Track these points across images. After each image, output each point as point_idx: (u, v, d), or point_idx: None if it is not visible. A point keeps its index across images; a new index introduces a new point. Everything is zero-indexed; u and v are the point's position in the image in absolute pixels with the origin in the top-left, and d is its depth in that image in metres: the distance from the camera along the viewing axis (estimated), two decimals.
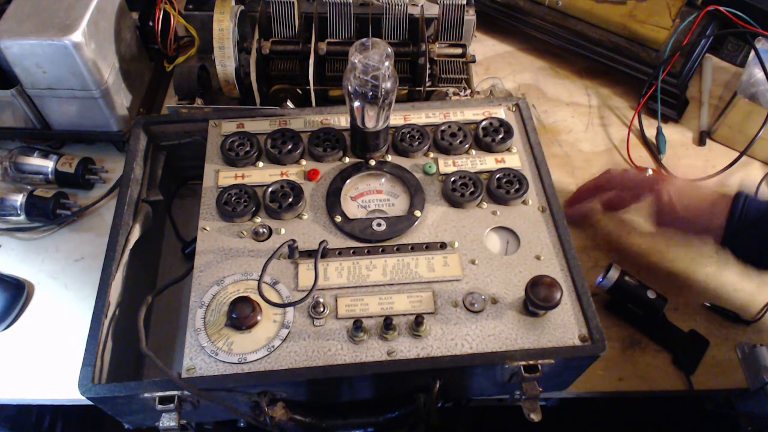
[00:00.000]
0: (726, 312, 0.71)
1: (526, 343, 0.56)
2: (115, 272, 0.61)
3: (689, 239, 0.72)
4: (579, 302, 0.58)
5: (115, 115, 0.78)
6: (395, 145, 0.69)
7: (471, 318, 0.57)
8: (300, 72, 0.84)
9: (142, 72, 0.87)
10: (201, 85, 0.83)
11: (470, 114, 0.72)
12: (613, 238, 0.78)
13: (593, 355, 0.56)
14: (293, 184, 0.65)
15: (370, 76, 0.56)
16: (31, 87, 0.74)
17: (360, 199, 0.66)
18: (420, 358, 0.55)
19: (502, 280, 0.60)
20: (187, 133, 0.73)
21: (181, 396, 0.53)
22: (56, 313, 0.71)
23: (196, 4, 0.92)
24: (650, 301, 0.67)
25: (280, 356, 0.55)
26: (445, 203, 0.65)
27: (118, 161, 0.84)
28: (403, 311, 0.58)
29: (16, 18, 0.71)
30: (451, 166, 0.68)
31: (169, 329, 0.68)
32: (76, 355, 0.57)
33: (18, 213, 0.76)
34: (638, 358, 0.69)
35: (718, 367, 0.68)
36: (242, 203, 0.64)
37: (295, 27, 0.84)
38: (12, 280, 0.72)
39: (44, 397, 0.66)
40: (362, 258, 0.61)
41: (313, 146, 0.69)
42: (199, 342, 0.55)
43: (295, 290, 0.59)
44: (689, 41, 0.90)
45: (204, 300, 0.58)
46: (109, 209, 0.79)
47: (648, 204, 0.67)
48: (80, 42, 0.69)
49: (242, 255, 0.61)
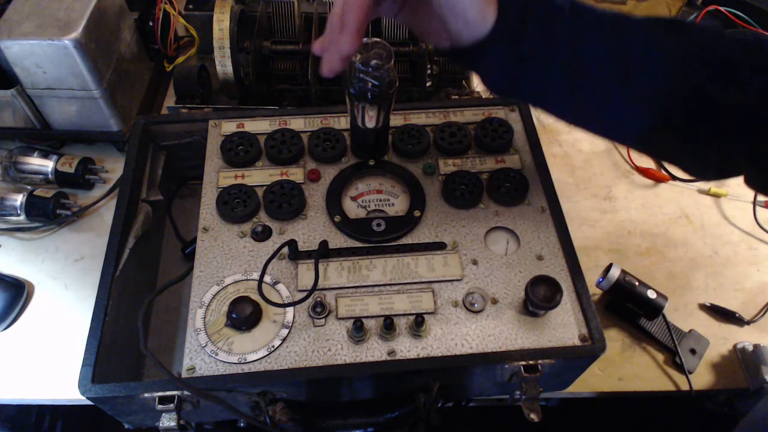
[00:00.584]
0: (726, 312, 0.72)
1: (526, 343, 0.56)
2: (115, 272, 0.61)
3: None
4: (579, 302, 0.58)
5: (115, 115, 0.78)
6: (395, 145, 0.69)
7: (471, 318, 0.57)
8: (300, 72, 0.84)
9: (142, 72, 0.87)
10: (201, 85, 0.84)
11: (470, 114, 0.72)
12: (613, 238, 0.78)
13: (593, 355, 0.56)
14: (293, 184, 0.65)
15: (370, 76, 0.56)
16: (31, 87, 0.74)
17: (360, 199, 0.66)
18: (420, 358, 0.55)
19: (502, 280, 0.60)
20: (187, 133, 0.73)
21: (181, 396, 0.53)
22: (56, 313, 0.71)
23: (196, 4, 0.92)
24: (650, 301, 0.67)
25: (280, 356, 0.55)
26: (445, 203, 0.65)
27: (118, 161, 0.84)
28: (403, 311, 0.58)
29: (16, 18, 0.71)
30: (451, 166, 0.68)
31: (169, 329, 0.68)
32: (76, 355, 0.57)
33: (18, 213, 0.76)
34: (638, 358, 0.69)
35: (718, 367, 0.68)
36: (242, 203, 0.64)
37: (295, 27, 0.84)
38: (12, 280, 0.72)
39: (44, 397, 0.66)
40: (362, 258, 0.61)
41: (313, 146, 0.69)
42: (199, 342, 0.55)
43: (295, 290, 0.59)
44: None
45: (204, 300, 0.58)
46: (109, 209, 0.79)
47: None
48: (80, 42, 0.69)
49: (242, 255, 0.61)
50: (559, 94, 0.53)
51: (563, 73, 0.50)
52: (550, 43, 0.50)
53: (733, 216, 0.81)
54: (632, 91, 0.50)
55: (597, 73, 0.50)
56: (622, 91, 0.50)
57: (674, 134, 0.51)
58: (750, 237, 0.79)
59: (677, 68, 0.49)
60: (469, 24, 0.49)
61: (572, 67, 0.50)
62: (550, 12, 0.49)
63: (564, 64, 0.50)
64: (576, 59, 0.50)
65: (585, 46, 0.49)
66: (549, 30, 0.49)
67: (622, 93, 0.50)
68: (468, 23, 0.49)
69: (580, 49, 0.50)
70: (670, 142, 0.53)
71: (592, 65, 0.50)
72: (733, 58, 0.48)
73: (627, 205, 0.81)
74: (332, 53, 0.48)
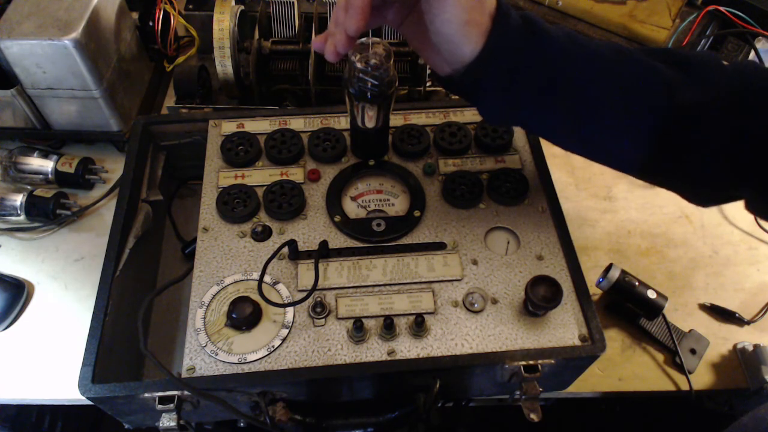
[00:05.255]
0: (726, 312, 0.71)
1: (526, 343, 0.56)
2: (115, 272, 0.61)
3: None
4: (579, 302, 0.58)
5: (115, 115, 0.78)
6: (395, 145, 0.69)
7: (471, 318, 0.57)
8: (300, 72, 0.84)
9: (142, 72, 0.87)
10: (201, 85, 0.84)
11: (470, 114, 0.72)
12: (613, 238, 0.78)
13: (593, 355, 0.56)
14: (293, 184, 0.65)
15: (370, 76, 0.56)
16: (31, 87, 0.74)
17: (360, 199, 0.66)
18: (420, 358, 0.55)
19: (502, 280, 0.60)
20: (187, 133, 0.73)
21: (181, 396, 0.53)
22: (56, 313, 0.71)
23: (196, 4, 0.92)
24: (650, 301, 0.67)
25: (280, 356, 0.55)
26: (445, 203, 0.65)
27: (118, 161, 0.84)
28: (403, 311, 0.58)
29: (16, 18, 0.70)
30: (451, 166, 0.68)
31: (169, 329, 0.68)
32: (76, 355, 0.57)
33: (18, 213, 0.76)
34: (638, 358, 0.69)
35: (718, 367, 0.68)
36: (242, 203, 0.64)
37: (295, 27, 0.83)
38: (12, 280, 0.72)
39: (44, 397, 0.66)
40: (362, 258, 0.61)
41: (313, 146, 0.69)
42: (199, 342, 0.55)
43: (295, 290, 0.59)
44: (689, 41, 0.90)
45: (204, 300, 0.58)
46: (109, 209, 0.79)
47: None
48: (80, 42, 0.69)
49: (242, 255, 0.61)
50: (556, 124, 0.53)
51: (559, 104, 0.50)
52: (545, 74, 0.50)
53: (733, 216, 0.81)
54: (629, 120, 0.50)
55: (594, 104, 0.50)
56: (618, 120, 0.50)
57: (672, 163, 0.51)
58: (750, 237, 0.79)
59: (675, 98, 0.49)
60: (452, 43, 0.49)
61: (568, 97, 0.50)
62: (545, 43, 0.49)
63: (559, 95, 0.50)
64: (571, 90, 0.50)
65: (580, 77, 0.49)
66: (544, 61, 0.49)
67: (619, 122, 0.50)
68: (450, 42, 0.49)
69: (576, 79, 0.50)
70: (669, 170, 0.53)
71: (587, 96, 0.50)
72: (733, 88, 0.48)
73: (627, 205, 0.81)
74: (338, 35, 0.48)
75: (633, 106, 0.49)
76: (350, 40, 0.48)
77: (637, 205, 0.81)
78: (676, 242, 0.78)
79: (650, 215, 0.81)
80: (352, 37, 0.48)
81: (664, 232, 0.79)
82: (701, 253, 0.77)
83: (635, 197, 0.82)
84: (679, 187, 0.56)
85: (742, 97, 0.48)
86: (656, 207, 0.81)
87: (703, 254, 0.77)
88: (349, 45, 0.49)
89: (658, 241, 0.78)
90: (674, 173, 0.53)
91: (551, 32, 0.50)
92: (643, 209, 0.81)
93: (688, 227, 0.80)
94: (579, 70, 0.49)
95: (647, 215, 0.81)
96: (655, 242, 0.78)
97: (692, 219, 0.80)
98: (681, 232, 0.79)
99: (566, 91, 0.50)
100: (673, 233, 0.79)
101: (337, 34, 0.48)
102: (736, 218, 0.80)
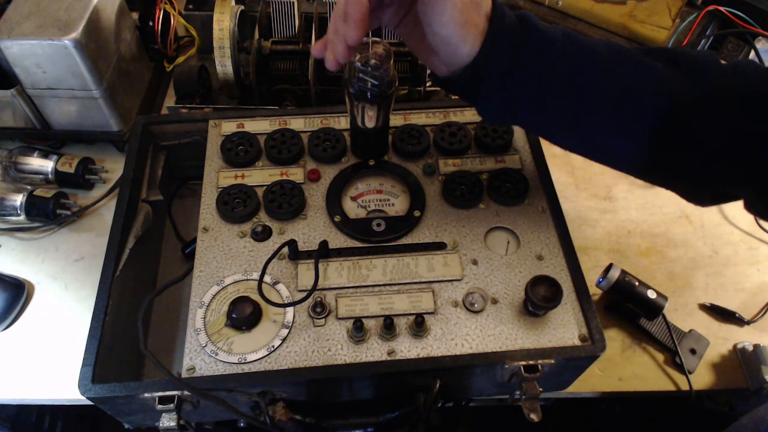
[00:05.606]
0: (726, 312, 0.71)
1: (526, 343, 0.56)
2: (115, 272, 0.61)
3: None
4: (579, 302, 0.58)
5: (115, 115, 0.78)
6: (395, 145, 0.69)
7: (471, 318, 0.57)
8: (300, 72, 0.84)
9: (142, 72, 0.87)
10: (201, 85, 0.84)
11: (470, 114, 0.72)
12: (613, 238, 0.78)
13: (593, 355, 0.56)
14: (293, 184, 0.65)
15: (370, 76, 0.56)
16: (31, 87, 0.74)
17: (360, 199, 0.66)
18: (420, 358, 0.55)
19: (502, 280, 0.60)
20: (187, 133, 0.73)
21: (181, 396, 0.53)
22: (56, 313, 0.71)
23: (196, 4, 0.92)
24: (650, 301, 0.67)
25: (280, 356, 0.55)
26: (445, 203, 0.65)
27: (118, 161, 0.84)
28: (403, 311, 0.58)
29: (16, 18, 0.70)
30: (451, 166, 0.68)
31: (169, 329, 0.68)
32: (76, 355, 0.57)
33: (18, 213, 0.76)
34: (638, 358, 0.69)
35: (718, 367, 0.68)
36: (242, 203, 0.64)
37: (295, 27, 0.84)
38: (12, 280, 0.72)
39: (44, 397, 0.66)
40: (362, 258, 0.61)
41: (313, 146, 0.69)
42: (199, 342, 0.55)
43: (295, 290, 0.59)
44: (689, 41, 0.90)
45: (204, 300, 0.58)
46: (109, 209, 0.79)
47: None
48: (80, 42, 0.69)
49: (242, 255, 0.61)
50: (555, 124, 0.53)
51: (558, 104, 0.50)
52: (542, 74, 0.50)
53: (733, 216, 0.81)
54: (628, 120, 0.50)
55: (593, 104, 0.50)
56: (617, 120, 0.50)
57: (671, 163, 0.51)
58: (750, 237, 0.79)
59: (674, 98, 0.49)
60: (449, 45, 0.49)
61: (566, 97, 0.50)
62: (542, 43, 0.49)
63: (557, 95, 0.50)
64: (570, 89, 0.50)
65: (579, 77, 0.49)
66: (541, 60, 0.49)
67: (618, 122, 0.50)
68: (447, 43, 0.49)
69: (574, 79, 0.49)
70: (668, 170, 0.53)
71: (586, 95, 0.50)
72: (732, 87, 0.48)
73: (627, 205, 0.81)
74: (337, 44, 0.48)
75: (632, 105, 0.49)
76: (350, 50, 0.49)
77: (637, 205, 0.81)
78: (676, 242, 0.78)
79: (650, 215, 0.81)
80: (351, 47, 0.48)
81: (664, 232, 0.79)
82: (701, 253, 0.77)
83: (635, 197, 0.82)
84: (679, 186, 0.56)
85: (741, 96, 0.48)
86: (656, 207, 0.81)
87: (703, 254, 0.77)
88: (349, 54, 0.49)
89: (658, 241, 0.78)
90: (674, 173, 0.53)
91: (548, 32, 0.50)
92: (643, 209, 0.81)
93: (688, 227, 0.80)
94: (577, 70, 0.49)
95: (647, 215, 0.81)
96: (655, 242, 0.78)
97: (692, 219, 0.80)
98: (681, 232, 0.79)
99: (564, 91, 0.50)
100: (673, 233, 0.79)
101: (337, 43, 0.48)
102: (736, 218, 0.80)
